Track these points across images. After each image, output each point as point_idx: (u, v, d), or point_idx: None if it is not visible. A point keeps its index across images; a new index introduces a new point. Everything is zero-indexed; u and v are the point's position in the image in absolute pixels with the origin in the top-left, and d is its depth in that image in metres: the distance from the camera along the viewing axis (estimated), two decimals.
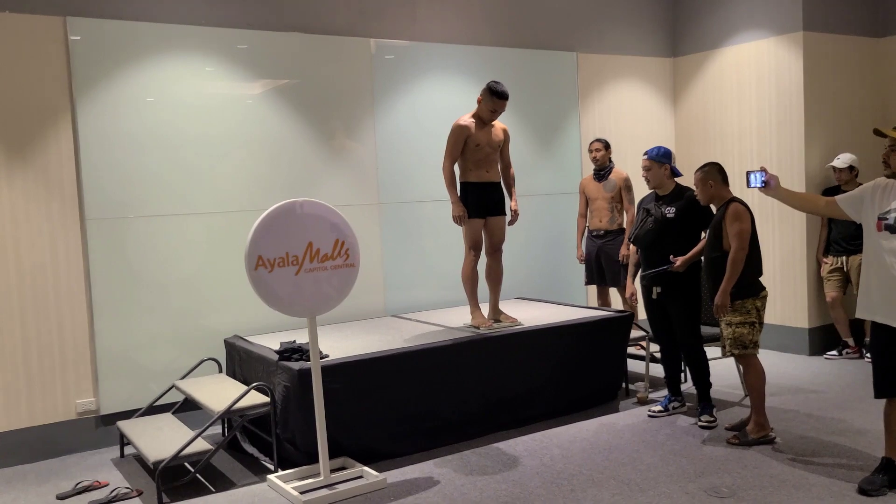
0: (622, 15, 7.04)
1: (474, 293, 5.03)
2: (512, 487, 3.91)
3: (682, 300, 4.76)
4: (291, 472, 4.11)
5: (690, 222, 4.73)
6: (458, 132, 4.80)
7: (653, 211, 4.80)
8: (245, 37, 5.23)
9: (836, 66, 6.51)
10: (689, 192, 4.75)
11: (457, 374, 4.61)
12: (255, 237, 3.73)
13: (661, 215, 4.74)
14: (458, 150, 4.83)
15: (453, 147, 4.82)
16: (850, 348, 6.30)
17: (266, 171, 5.33)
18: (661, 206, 4.78)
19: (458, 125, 4.82)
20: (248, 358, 4.71)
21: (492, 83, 4.79)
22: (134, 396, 4.92)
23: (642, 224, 4.84)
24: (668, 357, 5.00)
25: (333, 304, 4.00)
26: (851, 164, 6.18)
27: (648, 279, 4.84)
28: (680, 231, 4.72)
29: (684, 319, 4.77)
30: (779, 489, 3.73)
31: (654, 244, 4.78)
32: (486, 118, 4.86)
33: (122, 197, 4.86)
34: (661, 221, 4.73)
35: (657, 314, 4.91)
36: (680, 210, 4.71)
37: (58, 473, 4.44)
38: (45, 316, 4.68)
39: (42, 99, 4.65)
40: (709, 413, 4.75)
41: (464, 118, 4.85)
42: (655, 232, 4.74)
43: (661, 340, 4.99)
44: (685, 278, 4.73)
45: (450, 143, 4.82)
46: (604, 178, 6.17)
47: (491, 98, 4.77)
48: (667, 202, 4.77)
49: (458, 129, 4.81)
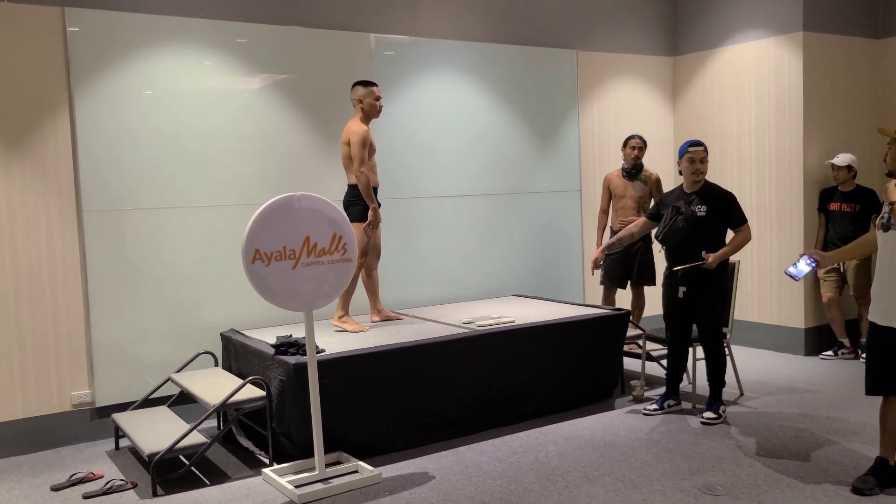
0: (623, 13, 7.04)
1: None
2: (507, 483, 3.91)
3: (710, 298, 4.73)
4: (286, 466, 4.11)
5: (721, 220, 4.70)
6: (366, 136, 4.84)
7: (683, 209, 4.73)
8: (244, 30, 5.22)
9: (835, 66, 6.51)
10: (718, 190, 4.72)
11: (453, 371, 4.61)
12: (252, 231, 3.72)
13: (692, 213, 4.69)
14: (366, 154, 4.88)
15: (364, 152, 4.83)
16: (846, 349, 6.31)
17: (264, 165, 5.33)
18: (690, 205, 4.72)
19: (364, 129, 4.84)
20: (245, 352, 4.71)
21: (362, 81, 4.97)
22: (129, 389, 4.92)
23: (672, 223, 4.74)
24: (675, 357, 4.98)
25: (330, 299, 3.99)
26: (850, 163, 6.19)
27: (675, 277, 4.80)
28: (711, 229, 4.68)
29: (711, 318, 4.75)
30: (773, 488, 3.73)
31: (683, 243, 4.72)
32: (377, 114, 4.96)
33: (119, 189, 4.86)
34: (692, 220, 4.68)
35: (678, 313, 4.87)
36: (712, 209, 4.67)
37: (52, 465, 4.44)
38: (41, 307, 4.68)
39: (40, 90, 4.63)
40: (714, 411, 4.75)
41: (361, 124, 4.88)
42: (686, 230, 4.68)
43: (674, 340, 4.95)
44: (715, 276, 4.69)
45: (362, 148, 4.80)
46: (635, 177, 6.07)
47: (372, 88, 4.91)
48: (697, 200, 4.71)
49: (366, 133, 4.84)
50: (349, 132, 4.88)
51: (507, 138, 6.39)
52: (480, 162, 6.26)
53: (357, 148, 4.80)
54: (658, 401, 5.01)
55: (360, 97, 4.92)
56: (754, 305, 6.77)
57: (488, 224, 6.32)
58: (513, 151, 6.44)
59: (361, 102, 4.92)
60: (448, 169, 6.11)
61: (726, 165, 6.93)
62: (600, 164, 6.91)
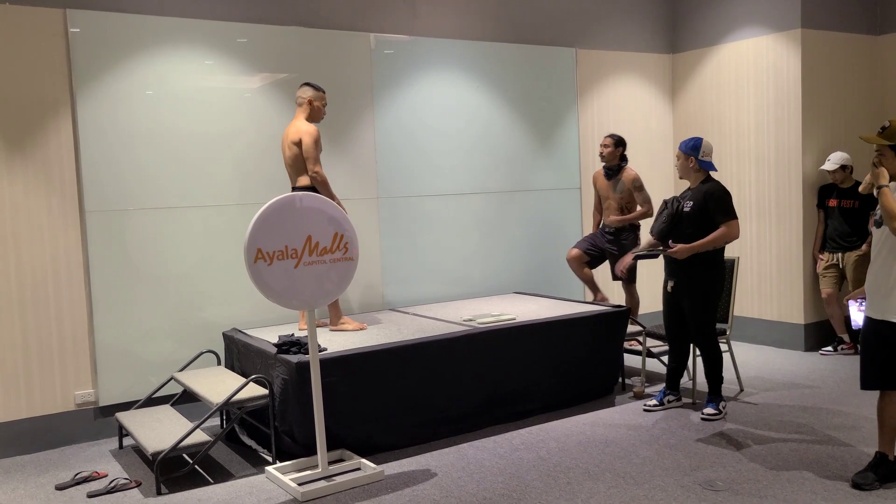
0: (621, 11, 7.05)
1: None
2: (509, 480, 3.94)
3: (694, 294, 4.73)
4: (289, 463, 4.13)
5: (705, 216, 4.66)
6: (318, 134, 4.77)
7: (669, 205, 4.78)
8: (245, 30, 5.24)
9: (833, 63, 6.53)
10: (710, 186, 4.70)
11: (454, 368, 4.63)
12: (254, 230, 3.74)
13: (676, 209, 4.73)
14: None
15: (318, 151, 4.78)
16: (846, 344, 6.33)
17: (265, 164, 5.34)
18: (681, 200, 4.76)
19: (316, 128, 4.78)
20: (247, 351, 4.73)
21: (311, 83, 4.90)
22: (133, 388, 4.94)
23: (658, 216, 4.83)
24: (675, 353, 5.00)
25: (332, 298, 4.01)
26: (843, 162, 6.20)
27: (666, 274, 4.83)
28: (694, 225, 4.67)
29: (698, 313, 4.75)
30: (773, 483, 3.76)
31: (667, 237, 4.76)
32: (322, 116, 4.93)
33: (121, 190, 4.87)
34: (673, 215, 4.73)
35: (671, 308, 4.90)
36: (697, 204, 4.67)
37: (57, 464, 4.46)
38: (44, 308, 4.70)
39: (42, 92, 4.65)
40: (713, 407, 4.77)
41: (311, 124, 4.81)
42: (669, 225, 4.73)
43: (671, 335, 4.97)
44: (697, 272, 4.70)
45: (316, 147, 4.75)
46: (613, 176, 5.94)
47: (320, 91, 4.86)
48: (689, 196, 4.75)
49: (318, 132, 4.78)
50: (299, 132, 4.76)
51: (506, 136, 6.40)
52: (480, 160, 6.28)
53: (312, 147, 4.71)
54: (658, 396, 5.04)
55: (312, 98, 4.84)
56: (754, 301, 6.79)
57: (488, 222, 6.34)
58: (513, 149, 6.45)
59: (312, 102, 4.84)
60: (448, 167, 6.12)
61: (725, 162, 6.94)
62: (600, 161, 6.92)
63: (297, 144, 4.77)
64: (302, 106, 4.86)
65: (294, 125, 4.82)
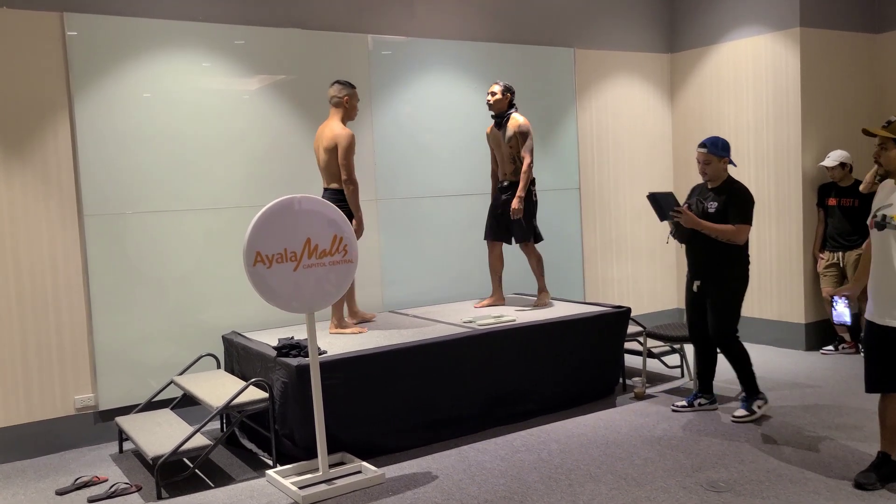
0: (619, 11, 7.05)
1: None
2: (510, 482, 3.93)
3: (720, 291, 4.65)
4: (290, 467, 4.12)
5: (725, 216, 4.58)
6: (354, 140, 4.75)
7: (694, 206, 4.70)
8: (242, 32, 5.23)
9: (832, 61, 6.52)
10: (734, 187, 4.63)
11: (455, 370, 4.63)
12: (253, 233, 3.73)
13: (702, 210, 4.65)
14: None
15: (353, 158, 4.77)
16: (846, 343, 6.32)
17: (264, 167, 5.33)
18: (705, 200, 4.67)
19: (352, 133, 4.75)
20: (247, 354, 4.72)
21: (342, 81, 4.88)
22: (132, 392, 4.93)
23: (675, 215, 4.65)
24: (702, 353, 4.91)
25: (332, 300, 4.00)
26: (842, 160, 6.20)
27: (691, 273, 4.76)
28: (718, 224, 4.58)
29: (720, 310, 4.66)
30: (775, 483, 3.75)
31: (693, 238, 4.68)
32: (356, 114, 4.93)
33: (119, 193, 4.86)
34: (700, 215, 4.63)
35: (696, 309, 4.81)
36: (722, 205, 4.59)
37: (57, 469, 4.45)
38: (43, 312, 4.68)
39: (39, 95, 4.64)
40: (745, 408, 4.70)
41: (346, 128, 4.77)
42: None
43: (696, 335, 4.87)
44: (725, 274, 4.63)
45: (352, 154, 4.72)
46: (502, 126, 5.44)
47: (353, 88, 4.84)
48: (713, 196, 4.66)
49: (353, 139, 4.75)
50: (335, 137, 4.73)
51: None
52: (479, 160, 6.25)
53: (348, 155, 4.68)
54: (689, 398, 4.98)
55: (347, 97, 4.79)
56: (755, 301, 6.78)
57: None
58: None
59: (347, 100, 4.80)
60: (447, 168, 6.11)
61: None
62: (599, 161, 6.92)
63: (332, 150, 4.75)
64: (338, 106, 4.83)
65: (329, 127, 4.80)
